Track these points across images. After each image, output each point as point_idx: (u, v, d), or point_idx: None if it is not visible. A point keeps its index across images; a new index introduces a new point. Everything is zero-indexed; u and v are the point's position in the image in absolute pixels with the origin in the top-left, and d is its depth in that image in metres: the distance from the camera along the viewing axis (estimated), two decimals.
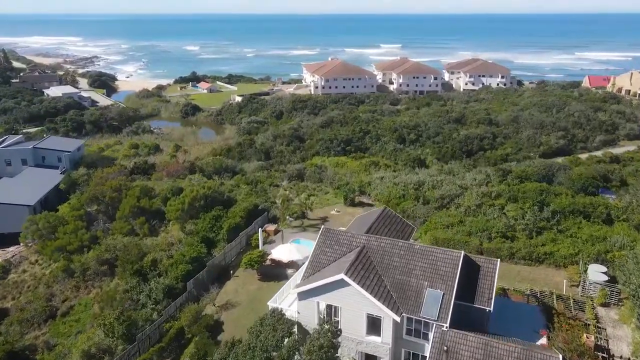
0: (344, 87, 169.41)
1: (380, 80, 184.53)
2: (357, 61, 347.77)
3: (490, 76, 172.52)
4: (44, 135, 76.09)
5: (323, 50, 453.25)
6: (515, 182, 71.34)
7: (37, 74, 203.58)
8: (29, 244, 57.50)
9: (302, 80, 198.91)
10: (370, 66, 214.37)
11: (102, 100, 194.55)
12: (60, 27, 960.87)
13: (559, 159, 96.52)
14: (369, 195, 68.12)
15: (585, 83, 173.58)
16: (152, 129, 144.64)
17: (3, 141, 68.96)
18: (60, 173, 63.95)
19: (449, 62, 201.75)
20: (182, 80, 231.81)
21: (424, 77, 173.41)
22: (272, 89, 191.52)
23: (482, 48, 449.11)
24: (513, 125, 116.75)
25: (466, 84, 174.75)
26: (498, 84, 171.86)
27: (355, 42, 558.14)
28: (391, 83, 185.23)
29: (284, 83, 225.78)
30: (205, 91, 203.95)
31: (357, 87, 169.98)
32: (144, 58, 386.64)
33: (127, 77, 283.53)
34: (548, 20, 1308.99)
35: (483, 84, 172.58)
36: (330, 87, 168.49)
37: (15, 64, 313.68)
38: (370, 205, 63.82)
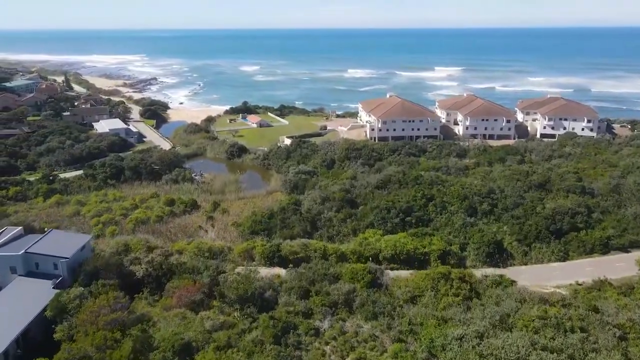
0: (403, 129, 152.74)
1: (444, 121, 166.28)
2: (414, 88, 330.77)
3: (574, 119, 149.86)
4: (45, 229, 65.13)
5: (376, 72, 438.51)
6: None
7: (89, 105, 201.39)
8: None
9: (358, 118, 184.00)
10: (433, 104, 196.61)
11: (150, 134, 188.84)
12: (125, 44, 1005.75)
13: None
14: None
15: None
16: (193, 175, 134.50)
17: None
18: (53, 287, 52.49)
19: (522, 100, 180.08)
20: (233, 111, 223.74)
21: (495, 120, 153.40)
22: (325, 127, 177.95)
23: (554, 71, 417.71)
24: (613, 196, 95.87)
25: (544, 127, 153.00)
26: (583, 129, 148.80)
27: (408, 61, 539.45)
28: (456, 124, 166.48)
29: (338, 116, 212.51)
30: (254, 125, 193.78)
31: (418, 129, 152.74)
32: (200, 81, 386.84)
33: (180, 103, 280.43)
34: (628, 34, 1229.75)
35: (565, 128, 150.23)
36: (388, 130, 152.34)
37: (77, 88, 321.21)
38: None
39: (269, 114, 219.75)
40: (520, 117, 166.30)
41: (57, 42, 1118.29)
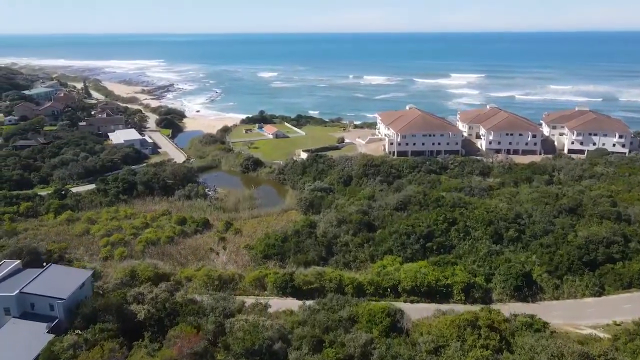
0: (423, 143, 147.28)
1: (465, 134, 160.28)
2: (433, 96, 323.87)
3: (605, 135, 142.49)
4: (45, 264, 61.74)
5: (393, 78, 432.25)
6: None
7: (105, 115, 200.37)
8: None
9: (376, 130, 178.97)
10: (453, 114, 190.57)
11: (165, 144, 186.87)
12: (145, 49, 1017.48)
13: None
14: None
15: None
16: (206, 190, 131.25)
17: None
18: (48, 331, 48.85)
19: (548, 113, 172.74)
20: (249, 121, 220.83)
21: (520, 135, 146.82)
22: (342, 139, 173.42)
23: (578, 78, 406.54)
24: None
25: (572, 143, 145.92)
26: (615, 145, 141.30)
27: (426, 67, 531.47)
28: (478, 137, 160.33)
29: (355, 127, 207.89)
30: (270, 136, 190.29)
31: (439, 144, 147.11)
32: (217, 87, 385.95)
33: (197, 111, 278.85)
34: None
35: (594, 144, 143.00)
36: (407, 144, 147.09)
37: (95, 95, 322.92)
38: None
39: (285, 124, 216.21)
40: (546, 130, 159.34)
41: (80, 47, 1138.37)
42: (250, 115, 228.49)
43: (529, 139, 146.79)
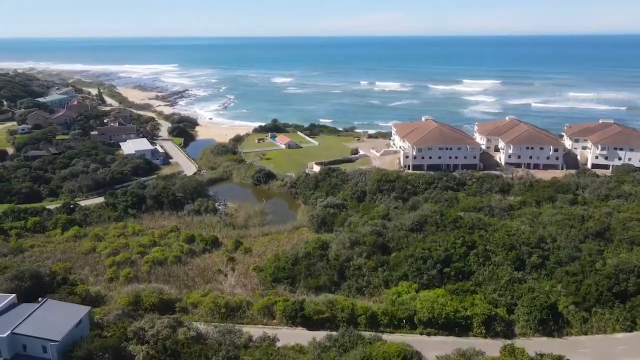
0: (439, 157, 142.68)
1: (483, 147, 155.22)
2: (448, 104, 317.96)
3: (631, 149, 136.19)
4: (40, 298, 58.83)
5: (407, 84, 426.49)
6: None
7: (117, 124, 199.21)
8: None
9: (391, 141, 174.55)
10: (470, 122, 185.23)
11: (177, 154, 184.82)
12: (161, 53, 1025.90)
13: None
14: None
15: None
16: (216, 205, 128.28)
17: None
18: None
19: (570, 125, 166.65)
20: (262, 130, 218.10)
21: (541, 148, 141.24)
22: (356, 150, 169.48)
23: (599, 85, 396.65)
24: None
25: (596, 157, 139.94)
26: None
27: (441, 72, 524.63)
28: (497, 150, 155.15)
29: (369, 137, 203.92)
30: (283, 146, 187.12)
31: (456, 157, 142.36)
32: (231, 93, 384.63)
33: (209, 118, 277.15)
34: None
35: (620, 159, 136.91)
36: (423, 158, 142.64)
37: (110, 101, 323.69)
38: None
39: (298, 133, 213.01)
40: (568, 144, 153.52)
41: (97, 51, 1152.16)
42: (263, 124, 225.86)
43: (550, 153, 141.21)
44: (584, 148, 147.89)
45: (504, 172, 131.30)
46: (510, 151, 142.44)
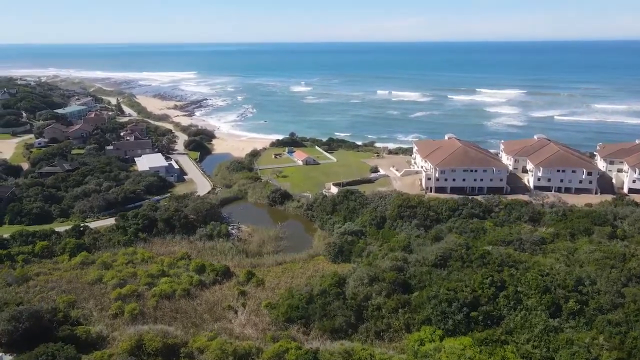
0: (463, 179, 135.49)
1: (510, 168, 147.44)
2: (470, 115, 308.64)
3: None
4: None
5: (427, 94, 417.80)
6: None
7: (133, 138, 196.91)
8: None
9: (412, 160, 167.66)
10: (493, 136, 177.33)
11: (192, 169, 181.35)
12: (182, 60, 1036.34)
13: None
14: None
15: None
16: (229, 228, 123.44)
17: None
18: None
19: (603, 145, 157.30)
20: (279, 144, 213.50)
21: (573, 172, 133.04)
22: (376, 169, 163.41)
23: (629, 96, 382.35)
24: None
25: (634, 181, 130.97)
26: None
27: (462, 80, 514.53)
28: (525, 172, 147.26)
29: (389, 152, 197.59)
30: (300, 163, 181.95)
31: (482, 180, 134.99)
32: (249, 102, 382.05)
33: (227, 130, 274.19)
34: None
35: None
36: (446, 180, 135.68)
37: (128, 111, 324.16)
38: None
39: (316, 147, 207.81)
40: (601, 165, 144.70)
41: (120, 57, 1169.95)
42: (280, 138, 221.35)
43: (583, 176, 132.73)
44: (620, 171, 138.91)
45: (533, 198, 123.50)
46: (539, 174, 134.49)
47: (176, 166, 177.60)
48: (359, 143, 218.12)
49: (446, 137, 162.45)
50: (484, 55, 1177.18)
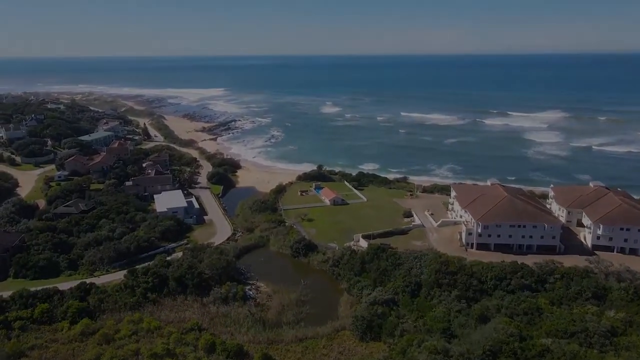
0: (510, 235, 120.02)
1: (563, 221, 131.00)
2: (508, 143, 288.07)
3: None
4: None
5: (461, 117, 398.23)
6: None
7: (154, 172, 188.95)
8: None
9: (450, 205, 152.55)
10: (534, 166, 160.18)
11: (213, 208, 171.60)
12: (213, 74, 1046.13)
13: None
14: None
15: None
16: (246, 290, 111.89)
17: None
18: None
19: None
20: (306, 177, 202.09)
21: (639, 230, 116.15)
22: (409, 213, 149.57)
23: None
24: None
25: None
26: None
27: (498, 101, 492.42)
28: (580, 225, 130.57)
29: (424, 191, 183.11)
30: (327, 202, 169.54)
31: (531, 237, 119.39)
32: (278, 125, 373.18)
33: (253, 157, 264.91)
34: None
35: None
36: (489, 236, 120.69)
37: (154, 133, 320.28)
38: None
39: (345, 183, 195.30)
40: None
41: (154, 72, 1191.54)
42: (307, 171, 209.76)
43: None
44: None
45: (594, 265, 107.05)
46: (599, 232, 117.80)
47: (196, 205, 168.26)
48: (391, 178, 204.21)
49: (489, 183, 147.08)
50: (524, 70, 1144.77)
